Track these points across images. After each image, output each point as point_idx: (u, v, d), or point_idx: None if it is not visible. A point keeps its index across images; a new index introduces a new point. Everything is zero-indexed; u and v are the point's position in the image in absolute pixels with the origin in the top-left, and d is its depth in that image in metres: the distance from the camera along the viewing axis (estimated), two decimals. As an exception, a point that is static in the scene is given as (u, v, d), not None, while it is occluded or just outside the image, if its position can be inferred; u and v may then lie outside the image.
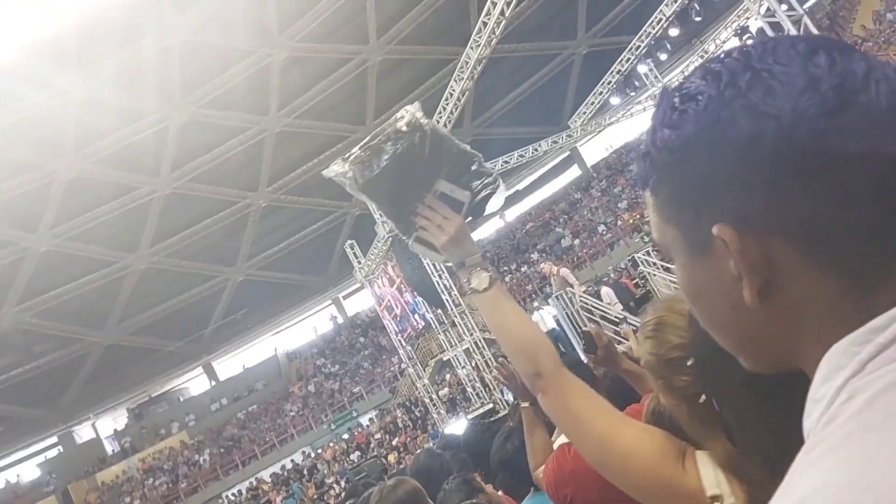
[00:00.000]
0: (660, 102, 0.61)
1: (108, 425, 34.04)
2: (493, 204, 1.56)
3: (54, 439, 32.52)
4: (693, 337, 1.06)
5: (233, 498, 26.26)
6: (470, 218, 1.54)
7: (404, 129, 1.45)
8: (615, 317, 13.20)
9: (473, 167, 1.52)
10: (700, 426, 1.20)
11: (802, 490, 0.45)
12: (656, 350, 1.25)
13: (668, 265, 14.65)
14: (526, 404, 2.44)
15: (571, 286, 13.91)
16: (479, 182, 1.51)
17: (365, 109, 30.94)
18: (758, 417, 0.98)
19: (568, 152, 31.91)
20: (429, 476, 3.38)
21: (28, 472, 31.51)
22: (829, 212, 0.52)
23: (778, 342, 0.58)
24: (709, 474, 1.18)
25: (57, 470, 30.78)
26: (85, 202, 27.74)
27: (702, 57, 22.76)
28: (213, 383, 35.27)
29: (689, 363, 1.16)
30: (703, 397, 1.16)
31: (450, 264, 1.56)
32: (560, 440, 3.25)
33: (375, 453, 22.10)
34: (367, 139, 1.50)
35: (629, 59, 19.96)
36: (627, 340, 10.83)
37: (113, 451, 32.55)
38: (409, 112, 1.47)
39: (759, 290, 0.55)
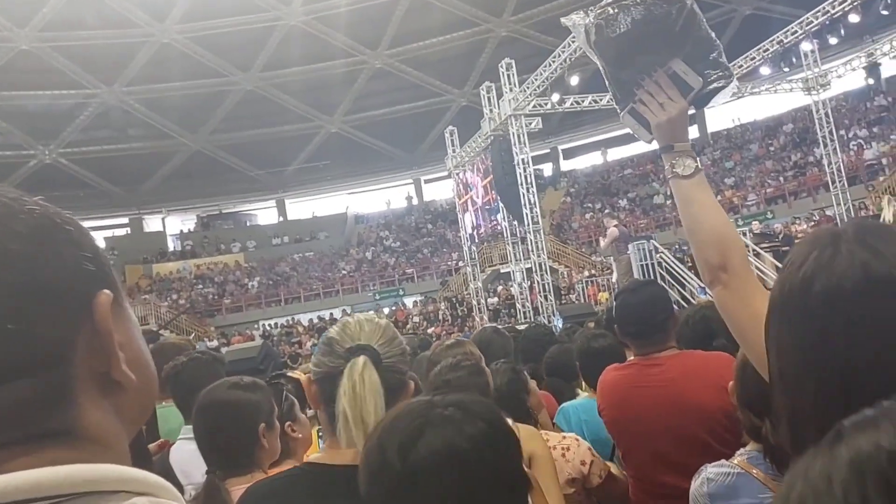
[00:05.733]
0: None
1: (175, 224, 35.76)
2: (719, 99, 1.53)
3: (125, 220, 34.43)
4: None
5: (268, 328, 27.53)
6: (692, 106, 1.48)
7: None
8: (689, 283, 12.91)
9: (712, 56, 1.46)
10: None
11: None
12: None
13: (760, 251, 14.15)
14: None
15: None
16: (715, 73, 1.45)
17: (506, 1, 29.93)
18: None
19: (693, 111, 30.46)
20: (488, 348, 3.39)
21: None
22: None
23: None
24: None
25: (120, 248, 32.57)
26: (210, 9, 28.03)
27: (870, 55, 21.00)
28: (281, 219, 36.45)
29: None
30: None
31: (655, 146, 1.51)
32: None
33: (413, 333, 22.65)
34: None
35: (796, 31, 18.47)
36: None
37: (174, 249, 34.31)
38: None
39: None
